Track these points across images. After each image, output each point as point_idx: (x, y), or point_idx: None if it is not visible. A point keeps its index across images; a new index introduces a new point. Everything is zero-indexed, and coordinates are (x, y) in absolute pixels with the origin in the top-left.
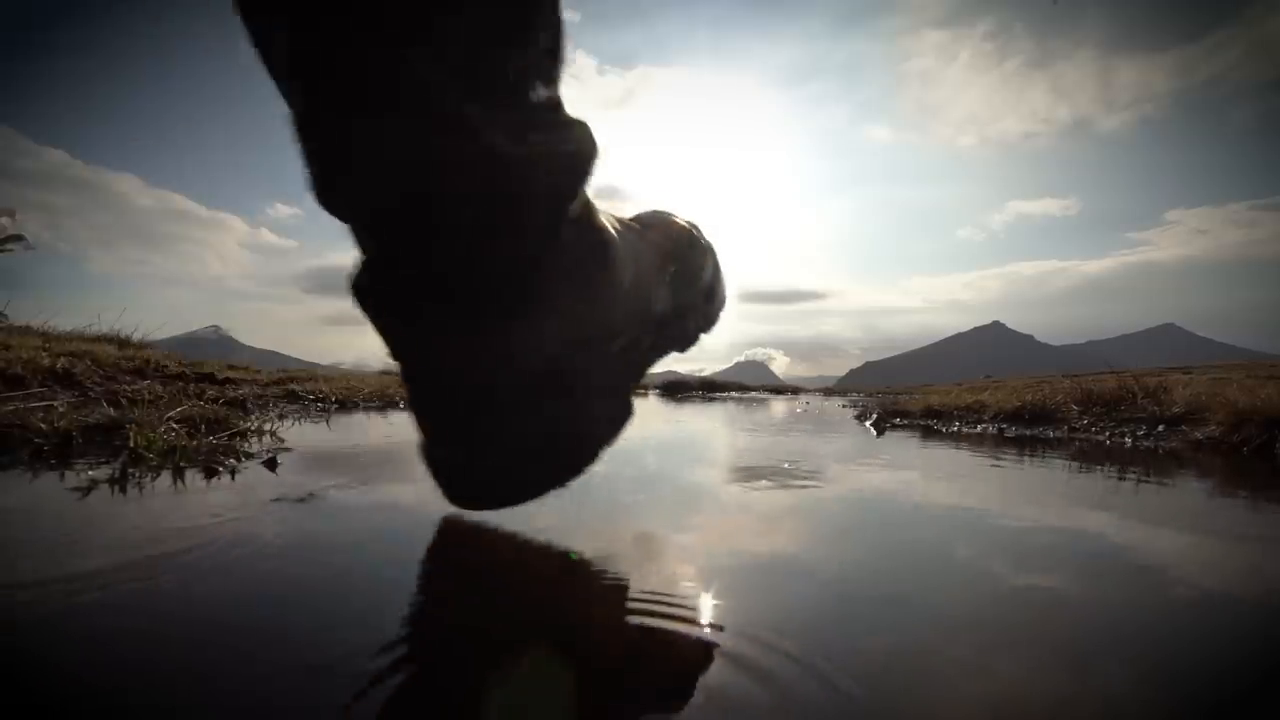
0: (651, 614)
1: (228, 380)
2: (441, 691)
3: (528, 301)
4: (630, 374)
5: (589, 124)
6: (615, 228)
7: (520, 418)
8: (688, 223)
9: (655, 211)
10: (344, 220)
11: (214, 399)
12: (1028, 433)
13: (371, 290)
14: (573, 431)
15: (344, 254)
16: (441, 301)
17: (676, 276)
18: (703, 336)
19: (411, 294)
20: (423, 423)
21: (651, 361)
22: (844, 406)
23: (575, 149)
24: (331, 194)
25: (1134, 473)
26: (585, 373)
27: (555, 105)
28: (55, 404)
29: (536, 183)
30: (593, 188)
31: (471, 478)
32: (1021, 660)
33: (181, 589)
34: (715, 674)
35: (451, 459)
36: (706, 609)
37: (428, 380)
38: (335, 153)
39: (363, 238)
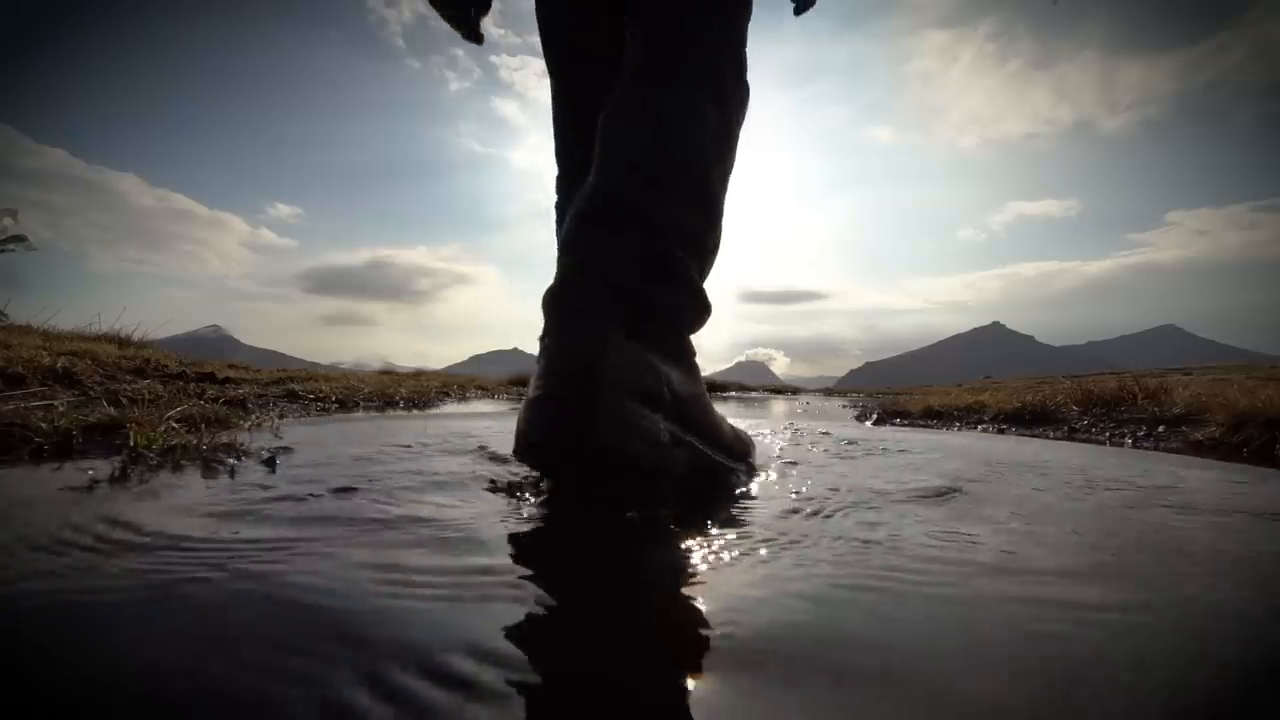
0: None
1: (228, 379)
2: None
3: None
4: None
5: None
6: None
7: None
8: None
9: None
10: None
11: (214, 398)
12: (1028, 433)
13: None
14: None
15: (344, 253)
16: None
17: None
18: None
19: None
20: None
21: None
22: (844, 406)
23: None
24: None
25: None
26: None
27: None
28: (56, 403)
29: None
30: None
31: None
32: None
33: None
34: None
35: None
36: None
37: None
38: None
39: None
